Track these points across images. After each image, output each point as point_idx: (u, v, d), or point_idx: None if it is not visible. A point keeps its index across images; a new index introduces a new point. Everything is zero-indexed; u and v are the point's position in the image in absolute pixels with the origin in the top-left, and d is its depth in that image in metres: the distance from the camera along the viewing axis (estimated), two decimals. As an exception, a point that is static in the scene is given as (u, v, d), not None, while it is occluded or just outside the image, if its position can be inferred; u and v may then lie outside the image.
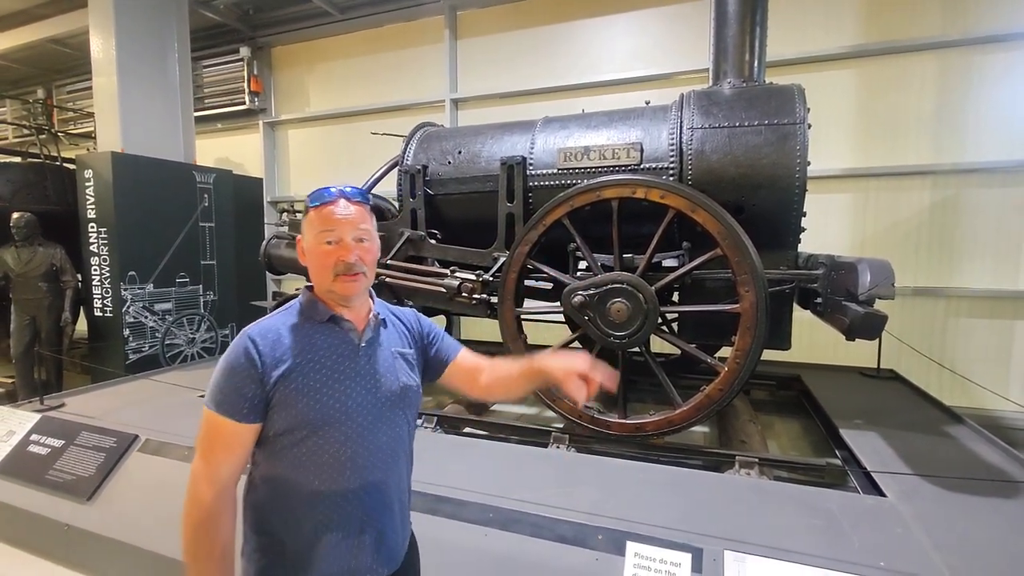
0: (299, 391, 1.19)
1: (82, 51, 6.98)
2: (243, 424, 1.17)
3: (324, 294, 1.29)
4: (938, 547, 1.76)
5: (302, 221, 1.32)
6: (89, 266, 5.18)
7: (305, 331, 1.25)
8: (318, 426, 1.20)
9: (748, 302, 2.45)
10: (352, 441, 1.23)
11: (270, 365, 1.18)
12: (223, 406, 1.17)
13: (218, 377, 1.19)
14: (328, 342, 1.26)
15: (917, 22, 4.71)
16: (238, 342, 1.20)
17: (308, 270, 1.29)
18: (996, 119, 4.54)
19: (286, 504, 1.21)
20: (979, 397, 4.38)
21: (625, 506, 2.02)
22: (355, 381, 1.25)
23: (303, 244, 1.30)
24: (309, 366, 1.21)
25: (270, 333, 1.22)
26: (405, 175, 3.50)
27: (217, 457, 1.19)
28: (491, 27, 6.24)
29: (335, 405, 1.21)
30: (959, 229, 4.69)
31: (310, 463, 1.20)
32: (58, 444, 2.91)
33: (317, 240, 1.25)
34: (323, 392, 1.21)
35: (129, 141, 5.33)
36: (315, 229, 1.26)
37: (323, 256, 1.24)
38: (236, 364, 1.17)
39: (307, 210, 1.28)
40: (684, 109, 2.87)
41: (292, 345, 1.22)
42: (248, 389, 1.16)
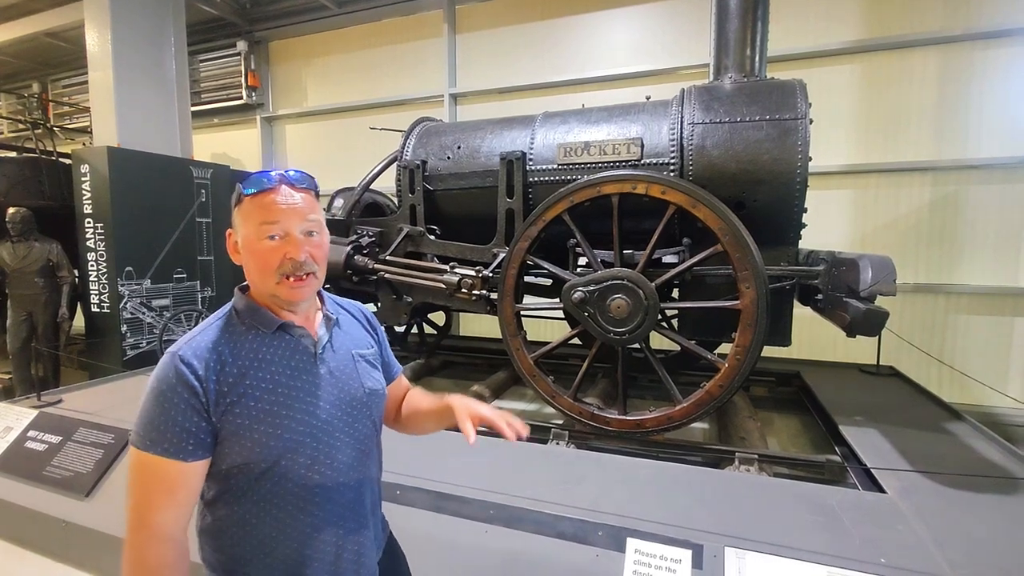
0: (254, 418, 1.02)
1: (78, 45, 6.94)
2: (188, 463, 0.99)
3: (266, 299, 1.09)
4: (938, 543, 1.76)
5: (234, 212, 1.09)
6: (86, 261, 5.16)
7: (250, 344, 1.06)
8: (280, 454, 1.04)
9: (748, 298, 2.44)
10: (319, 464, 1.08)
11: (214, 391, 1.00)
12: (160, 444, 0.97)
13: (149, 410, 0.99)
14: (279, 355, 1.07)
15: (918, 17, 4.69)
16: (168, 366, 1.00)
17: (244, 270, 1.08)
18: (997, 115, 4.53)
19: (250, 543, 1.06)
20: (979, 393, 4.39)
21: (625, 503, 2.02)
22: (316, 396, 1.09)
23: (236, 239, 1.09)
24: (262, 386, 1.03)
25: (205, 352, 1.02)
26: (404, 170, 3.48)
27: (158, 506, 0.98)
28: (490, 21, 6.21)
29: (298, 428, 1.05)
30: (959, 225, 4.69)
31: (274, 496, 1.05)
32: (55, 440, 2.90)
33: (257, 234, 1.04)
34: (282, 415, 1.04)
35: (125, 136, 5.29)
36: (253, 221, 1.05)
37: (265, 254, 1.04)
38: (171, 393, 0.98)
39: (240, 198, 1.07)
40: (685, 104, 2.85)
41: (237, 363, 1.03)
42: (190, 422, 0.98)
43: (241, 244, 1.08)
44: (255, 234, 1.05)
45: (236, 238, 1.10)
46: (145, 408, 1.01)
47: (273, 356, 1.07)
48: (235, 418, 1.01)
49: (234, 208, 1.09)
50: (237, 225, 1.09)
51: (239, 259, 1.09)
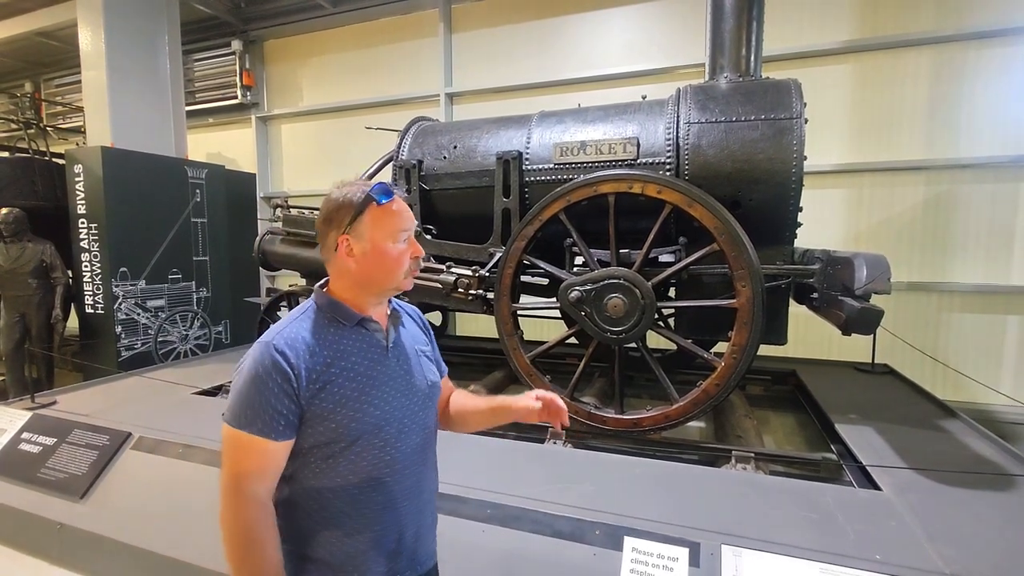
0: (337, 402, 1.13)
1: (70, 44, 6.89)
2: (277, 442, 1.10)
3: (380, 294, 1.24)
4: (932, 539, 1.77)
5: (358, 218, 1.17)
6: (80, 262, 5.12)
7: (332, 337, 1.18)
8: (357, 436, 1.15)
9: (745, 297, 2.45)
10: (390, 447, 1.20)
11: (305, 377, 1.11)
12: (255, 424, 1.08)
13: (246, 393, 1.10)
14: (358, 347, 1.20)
15: (911, 17, 4.71)
16: (264, 354, 1.11)
17: (356, 271, 1.19)
18: (988, 115, 4.56)
19: (321, 516, 1.17)
20: (972, 391, 4.42)
21: (622, 501, 2.03)
22: (389, 385, 1.21)
23: (357, 244, 1.18)
24: (344, 375, 1.15)
25: (298, 342, 1.13)
26: (400, 170, 3.48)
27: (250, 477, 1.10)
28: (486, 21, 6.20)
29: (374, 412, 1.17)
30: (952, 224, 4.72)
31: (349, 473, 1.16)
32: (50, 442, 2.88)
33: (393, 239, 1.19)
34: (362, 400, 1.16)
35: (119, 136, 5.26)
36: (388, 228, 1.18)
37: (401, 255, 1.20)
38: (267, 378, 1.09)
39: (367, 206, 1.17)
40: (681, 104, 2.86)
41: (323, 353, 1.15)
42: (282, 404, 1.09)
43: (368, 247, 1.18)
44: (391, 238, 1.19)
45: (354, 243, 1.18)
46: (240, 391, 1.11)
47: (353, 347, 1.19)
48: (321, 402, 1.12)
49: (355, 215, 1.17)
50: (362, 231, 1.18)
51: (351, 262, 1.19)
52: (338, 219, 1.19)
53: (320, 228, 1.23)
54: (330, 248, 1.21)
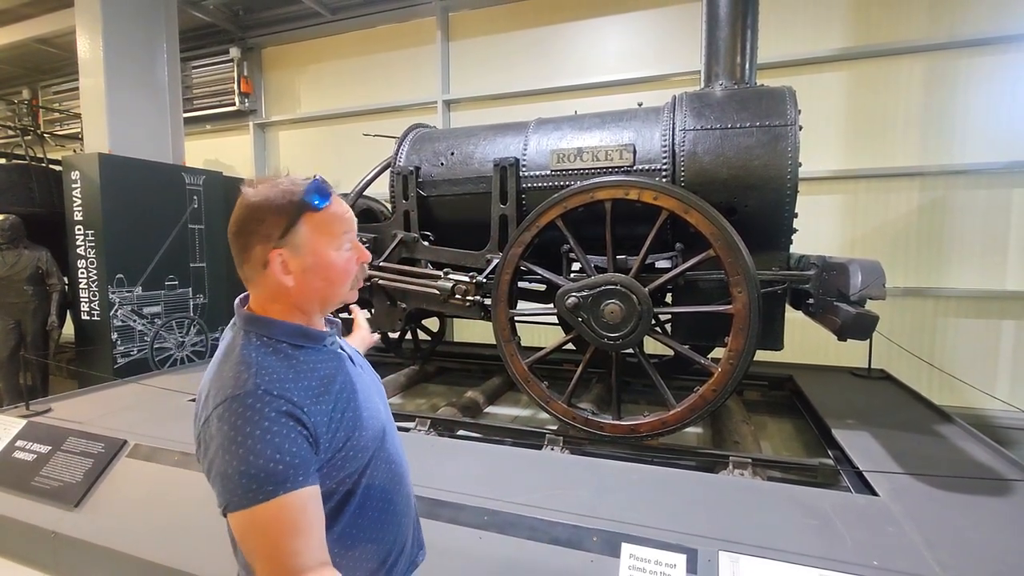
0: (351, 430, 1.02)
1: (68, 51, 6.90)
2: (315, 485, 0.93)
3: (324, 309, 1.08)
4: (930, 545, 1.77)
5: (293, 228, 0.99)
6: (76, 269, 5.11)
7: (306, 365, 1.01)
8: (371, 457, 1.07)
9: (741, 303, 2.46)
10: (393, 456, 1.15)
11: (316, 419, 0.95)
12: (286, 482, 0.87)
13: (253, 456, 0.87)
14: (332, 365, 1.06)
15: (904, 25, 4.77)
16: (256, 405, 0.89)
17: (295, 290, 1.01)
18: (981, 122, 4.61)
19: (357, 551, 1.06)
20: (968, 396, 4.43)
21: (620, 508, 2.02)
22: (370, 395, 1.13)
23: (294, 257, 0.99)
24: (341, 397, 1.02)
25: (286, 381, 0.95)
26: (398, 177, 3.49)
27: (304, 548, 0.88)
28: (483, 29, 6.24)
29: (376, 426, 1.10)
30: (947, 230, 4.75)
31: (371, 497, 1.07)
32: (44, 450, 2.86)
33: (337, 246, 1.03)
34: (363, 417, 1.06)
35: (116, 142, 5.26)
36: (330, 234, 1.02)
37: (347, 263, 1.05)
38: (276, 427, 0.89)
39: (306, 211, 1.00)
40: (676, 111, 2.88)
41: (314, 386, 0.99)
42: (301, 448, 0.91)
43: (310, 261, 1.00)
44: (334, 245, 1.03)
45: (290, 257, 0.99)
46: (241, 459, 0.87)
47: (332, 369, 1.05)
48: (335, 433, 0.99)
49: (291, 225, 0.98)
50: (299, 242, 0.99)
51: (288, 280, 1.00)
52: (263, 230, 0.98)
53: (235, 240, 1.00)
54: (255, 265, 1.00)
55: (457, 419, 3.18)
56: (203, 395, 0.98)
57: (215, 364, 1.01)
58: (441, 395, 4.21)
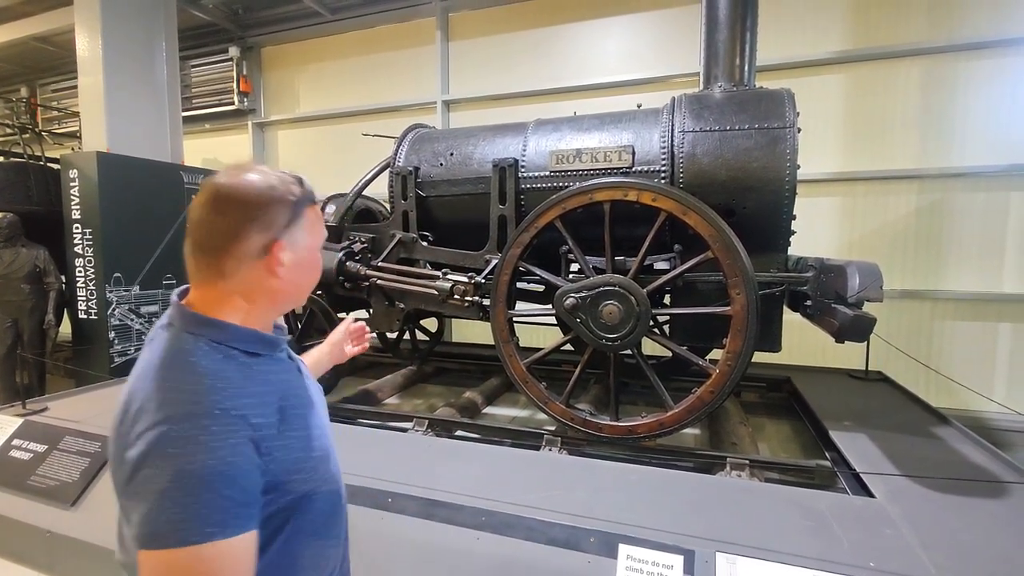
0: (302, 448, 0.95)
1: (67, 49, 6.89)
2: (255, 530, 0.83)
3: (282, 311, 1.02)
4: (926, 546, 1.77)
5: (292, 224, 0.94)
6: (73, 268, 5.10)
7: (262, 374, 0.93)
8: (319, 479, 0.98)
9: (739, 304, 2.46)
10: (336, 476, 1.07)
11: (269, 437, 0.87)
12: (232, 523, 0.77)
13: (201, 489, 0.76)
14: (286, 376, 1.00)
15: (902, 29, 4.78)
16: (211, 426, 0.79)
17: (276, 287, 0.94)
18: (980, 124, 4.62)
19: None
20: (965, 398, 4.45)
21: (617, 509, 2.02)
22: (321, 409, 1.08)
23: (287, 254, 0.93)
24: (295, 413, 0.95)
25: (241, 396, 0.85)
26: (396, 177, 3.49)
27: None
28: (483, 29, 6.25)
29: (324, 443, 1.02)
30: (944, 232, 4.76)
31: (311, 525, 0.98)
32: (41, 449, 2.85)
33: (320, 245, 1.00)
34: (314, 434, 0.99)
35: (115, 141, 5.26)
36: (316, 231, 0.98)
37: (317, 264, 1.00)
38: (232, 457, 0.79)
39: (303, 205, 0.96)
40: (675, 112, 2.88)
41: (270, 400, 0.91)
42: (250, 482, 0.82)
43: (304, 256, 0.95)
44: (318, 244, 1.00)
45: (288, 248, 0.93)
46: (188, 492, 0.75)
47: (287, 379, 0.99)
48: (288, 453, 0.90)
49: (289, 221, 0.93)
50: (298, 238, 0.94)
51: (281, 273, 0.93)
52: (267, 217, 0.90)
53: (221, 224, 0.88)
54: (243, 255, 0.89)
55: (455, 419, 3.17)
56: (135, 406, 0.84)
57: (152, 370, 0.86)
58: (439, 395, 4.20)
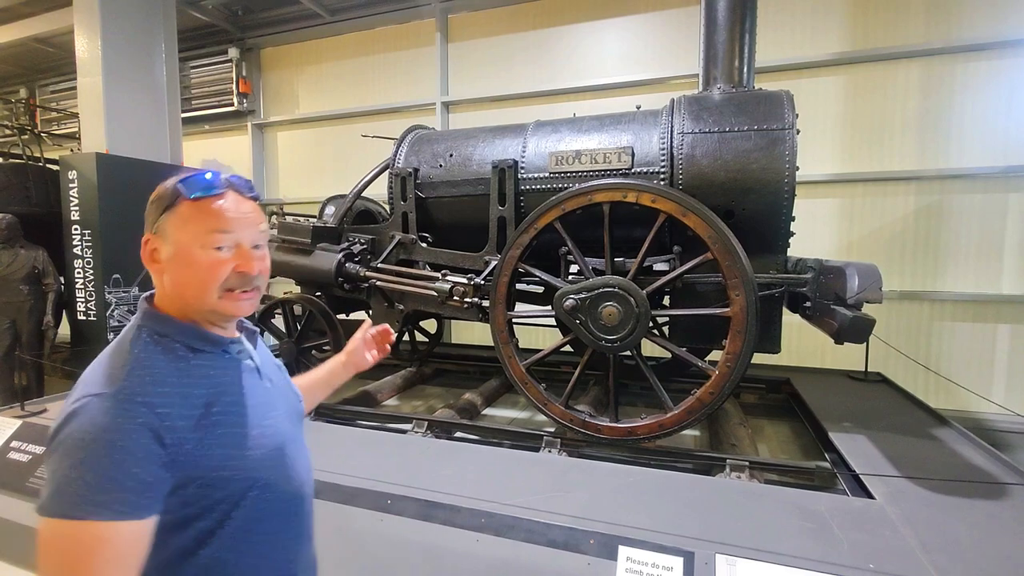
0: (228, 447, 0.93)
1: (66, 50, 6.89)
2: (143, 521, 0.83)
3: (199, 315, 0.98)
4: (926, 548, 1.78)
5: (161, 214, 0.95)
6: (72, 269, 5.09)
7: (200, 370, 0.94)
8: (254, 479, 0.96)
9: (738, 306, 2.46)
10: (290, 476, 1.04)
11: (182, 430, 0.87)
12: (110, 507, 0.79)
13: (90, 467, 0.79)
14: (232, 375, 1.00)
15: (901, 30, 4.79)
16: (112, 410, 0.82)
17: (168, 281, 0.96)
18: (977, 126, 4.63)
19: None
20: (964, 399, 4.45)
21: (617, 510, 2.02)
22: (273, 409, 1.05)
23: (162, 246, 0.95)
24: (230, 411, 0.95)
25: (159, 385, 0.88)
26: (396, 178, 3.49)
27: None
28: (482, 31, 6.25)
29: (269, 444, 1.00)
30: (943, 234, 4.77)
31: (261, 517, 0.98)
32: (39, 451, 2.84)
33: (201, 244, 0.93)
34: (254, 435, 0.97)
35: (114, 142, 5.25)
36: (197, 228, 0.93)
37: (212, 266, 0.94)
38: (124, 441, 0.81)
39: (175, 200, 0.94)
40: (675, 114, 2.89)
41: (198, 393, 0.92)
42: (148, 472, 0.83)
43: (173, 253, 0.94)
44: (198, 243, 0.94)
45: (158, 245, 0.96)
46: (77, 466, 0.79)
47: (228, 378, 0.99)
48: (207, 450, 0.90)
49: (163, 211, 0.95)
50: (167, 230, 0.95)
51: (159, 269, 0.96)
52: (150, 215, 0.96)
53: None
54: (144, 253, 0.97)
55: (454, 421, 3.17)
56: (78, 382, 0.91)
57: (99, 357, 0.94)
58: (438, 397, 4.20)
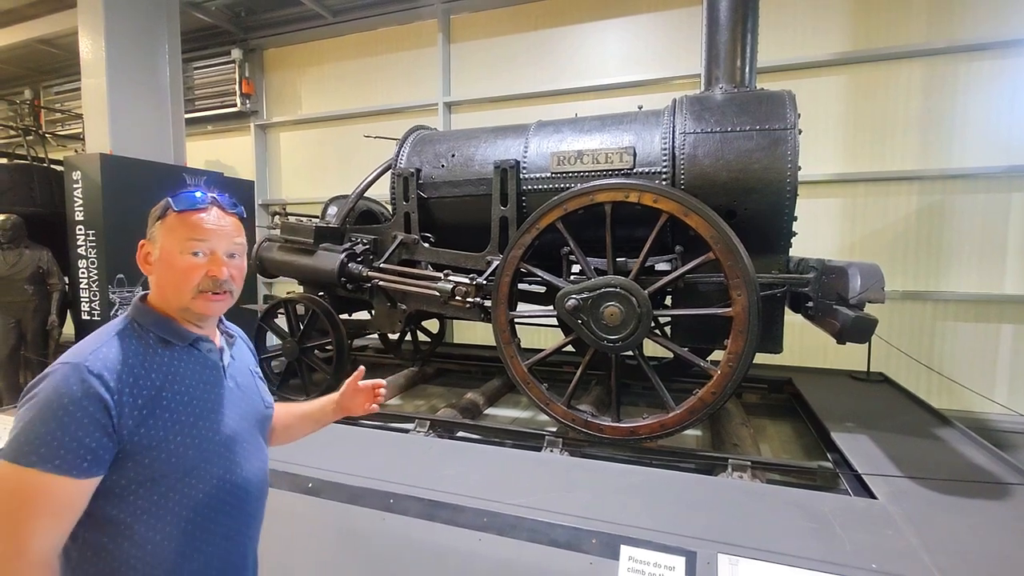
0: (171, 429, 1.02)
1: (70, 52, 6.92)
2: (81, 481, 0.93)
3: (175, 312, 1.11)
4: (928, 548, 1.77)
5: (155, 224, 1.12)
6: (76, 269, 5.11)
7: (161, 358, 1.06)
8: (196, 464, 1.05)
9: (740, 306, 2.47)
10: (232, 474, 1.12)
11: (128, 405, 0.97)
12: (50, 460, 0.90)
13: (39, 423, 0.91)
14: (192, 369, 1.10)
15: (903, 30, 4.79)
16: (72, 378, 0.94)
17: (154, 281, 1.12)
18: (980, 126, 4.62)
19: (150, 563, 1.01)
20: (966, 399, 4.44)
21: (619, 510, 2.02)
22: (228, 408, 1.14)
23: (154, 250, 1.11)
24: (178, 399, 1.04)
25: (117, 364, 0.99)
26: (398, 178, 3.50)
27: (39, 531, 0.90)
28: (485, 31, 6.26)
29: (213, 438, 1.08)
30: (945, 233, 4.77)
31: (188, 508, 1.04)
32: (44, 450, 2.85)
33: (180, 249, 1.08)
34: (199, 426, 1.06)
35: (118, 143, 5.27)
36: (178, 236, 1.09)
37: (187, 270, 1.08)
38: (73, 407, 0.92)
39: (165, 213, 1.11)
40: (677, 114, 2.89)
41: (152, 377, 1.02)
42: (91, 438, 0.92)
43: (159, 256, 1.10)
44: (178, 248, 1.09)
45: (151, 249, 1.12)
46: (32, 420, 0.92)
47: (187, 370, 1.09)
48: (149, 430, 0.99)
49: (156, 221, 1.12)
50: (157, 237, 1.11)
51: (150, 270, 1.12)
52: (148, 224, 1.14)
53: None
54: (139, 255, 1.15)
55: (456, 421, 3.18)
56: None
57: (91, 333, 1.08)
58: (440, 396, 4.20)
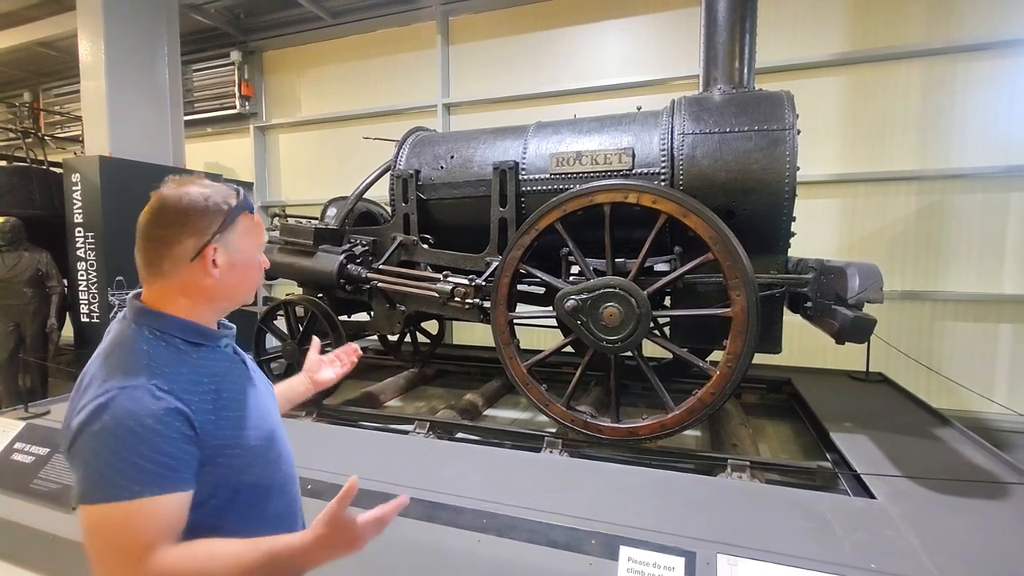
0: (237, 428, 1.04)
1: (70, 54, 6.93)
2: (184, 492, 0.93)
3: (223, 312, 1.13)
4: (927, 548, 1.77)
5: (222, 226, 1.05)
6: (76, 271, 5.11)
7: (201, 361, 1.05)
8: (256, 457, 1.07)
9: (739, 306, 2.47)
10: (282, 457, 1.16)
11: (203, 413, 0.98)
12: (153, 484, 0.88)
13: (128, 450, 0.88)
14: (226, 367, 1.10)
15: (902, 30, 4.79)
16: (144, 399, 0.91)
17: (216, 284, 1.05)
18: (978, 126, 4.63)
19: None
20: (965, 399, 4.44)
21: (618, 511, 2.03)
22: (263, 399, 1.16)
23: (227, 254, 1.05)
24: (233, 396, 1.06)
25: (178, 376, 0.98)
26: (397, 180, 3.50)
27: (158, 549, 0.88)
28: (484, 32, 6.27)
29: (265, 427, 1.11)
30: (944, 233, 4.77)
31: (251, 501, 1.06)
32: (43, 452, 2.85)
33: (257, 250, 1.12)
34: (253, 417, 1.09)
35: (117, 145, 5.28)
36: (255, 237, 1.11)
37: (261, 268, 1.14)
38: (160, 424, 0.90)
39: (237, 212, 1.07)
40: (675, 115, 2.89)
41: (204, 381, 1.02)
42: (181, 451, 0.93)
43: (239, 258, 1.07)
44: (255, 250, 1.12)
45: (221, 253, 1.05)
46: (115, 452, 0.88)
47: (224, 368, 1.09)
48: (222, 431, 1.01)
49: (226, 223, 1.05)
50: (233, 240, 1.06)
51: (214, 273, 1.04)
52: (200, 225, 1.03)
53: (159, 231, 1.02)
54: (179, 258, 1.02)
55: (456, 422, 3.18)
56: (84, 383, 0.97)
57: (101, 356, 1.01)
58: (440, 398, 4.21)
